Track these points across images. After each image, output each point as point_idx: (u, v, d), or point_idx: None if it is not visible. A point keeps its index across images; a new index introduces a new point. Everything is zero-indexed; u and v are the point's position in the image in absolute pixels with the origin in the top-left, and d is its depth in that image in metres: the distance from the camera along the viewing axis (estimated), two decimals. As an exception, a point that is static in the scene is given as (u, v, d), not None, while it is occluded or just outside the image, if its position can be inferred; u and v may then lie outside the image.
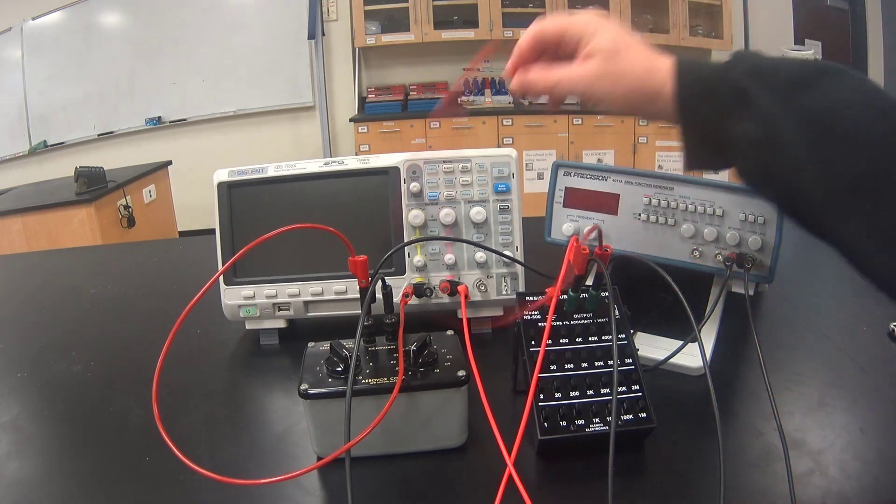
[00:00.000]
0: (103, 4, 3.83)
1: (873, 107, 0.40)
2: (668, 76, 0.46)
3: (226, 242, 0.67)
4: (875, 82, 0.41)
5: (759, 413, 0.53)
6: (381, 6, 3.82)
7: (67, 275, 1.02)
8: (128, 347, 0.72)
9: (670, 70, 0.46)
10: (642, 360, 0.52)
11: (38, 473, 0.51)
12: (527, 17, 3.84)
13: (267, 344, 0.70)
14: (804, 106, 0.41)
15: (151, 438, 0.52)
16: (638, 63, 0.48)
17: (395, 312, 0.53)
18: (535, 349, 0.50)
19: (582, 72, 0.49)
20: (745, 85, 0.44)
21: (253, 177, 0.67)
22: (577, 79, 0.50)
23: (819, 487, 0.45)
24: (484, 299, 0.67)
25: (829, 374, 0.60)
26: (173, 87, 3.95)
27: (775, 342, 0.65)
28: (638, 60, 0.48)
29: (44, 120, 3.91)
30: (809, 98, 0.41)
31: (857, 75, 0.42)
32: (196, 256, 1.04)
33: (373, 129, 3.84)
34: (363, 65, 4.11)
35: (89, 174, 2.71)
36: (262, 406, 0.61)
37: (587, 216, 0.70)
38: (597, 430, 0.47)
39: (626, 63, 0.48)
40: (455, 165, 0.66)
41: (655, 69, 0.47)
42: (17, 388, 0.64)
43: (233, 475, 0.49)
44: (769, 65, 0.44)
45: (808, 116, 0.41)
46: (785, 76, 0.43)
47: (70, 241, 2.54)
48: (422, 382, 0.48)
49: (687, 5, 3.80)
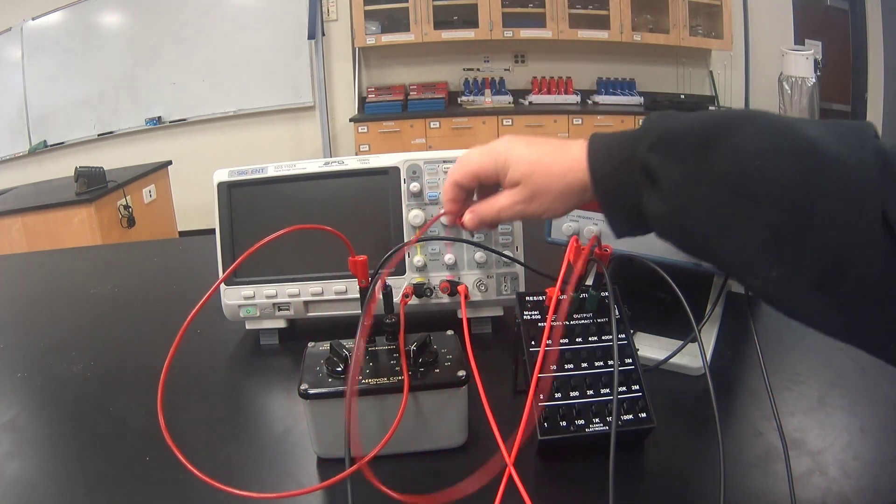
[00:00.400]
0: (103, 4, 3.83)
1: (785, 150, 0.39)
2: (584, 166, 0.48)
3: (226, 242, 0.67)
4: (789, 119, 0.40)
5: (759, 413, 0.53)
6: (381, 6, 3.82)
7: (67, 275, 1.02)
8: (128, 347, 0.72)
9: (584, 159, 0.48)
10: (642, 360, 0.52)
11: (38, 473, 0.51)
12: (527, 17, 3.84)
13: (267, 344, 0.70)
14: (713, 168, 0.41)
15: (151, 438, 0.52)
16: (556, 170, 0.50)
17: (395, 312, 0.53)
18: (535, 349, 0.50)
19: (513, 198, 0.52)
20: (649, 161, 0.44)
21: (253, 177, 0.67)
22: (512, 205, 0.53)
23: (819, 487, 0.45)
24: (484, 299, 0.67)
25: (829, 374, 0.60)
26: (173, 87, 3.95)
27: (775, 342, 0.65)
28: (555, 167, 0.50)
29: (44, 120, 3.91)
30: (717, 158, 0.41)
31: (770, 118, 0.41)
32: (196, 256, 1.04)
33: (373, 129, 3.84)
34: (363, 65, 4.11)
35: (89, 174, 2.71)
36: (262, 406, 0.61)
37: (587, 216, 0.70)
38: (597, 430, 0.47)
39: (546, 177, 0.50)
40: (455, 165, 0.66)
41: (572, 167, 0.49)
42: (17, 388, 0.65)
43: (233, 475, 0.49)
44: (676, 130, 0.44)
45: (718, 178, 0.41)
46: (690, 141, 0.42)
47: (70, 241, 2.54)
48: (422, 382, 0.48)
49: (687, 5, 3.80)
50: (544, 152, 0.51)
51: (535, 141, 0.53)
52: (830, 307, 0.38)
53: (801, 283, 0.38)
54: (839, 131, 0.38)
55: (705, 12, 3.90)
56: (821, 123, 0.40)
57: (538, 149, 0.52)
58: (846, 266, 0.36)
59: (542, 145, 0.52)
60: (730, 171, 0.40)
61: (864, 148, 0.37)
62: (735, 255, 0.42)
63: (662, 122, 0.45)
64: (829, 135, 0.38)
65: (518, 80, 4.18)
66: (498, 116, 3.88)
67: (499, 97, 4.02)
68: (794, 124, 0.39)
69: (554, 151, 0.51)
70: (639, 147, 0.45)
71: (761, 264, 0.40)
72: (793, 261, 0.38)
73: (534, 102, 4.02)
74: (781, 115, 0.41)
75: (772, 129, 0.40)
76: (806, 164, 0.37)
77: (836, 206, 0.36)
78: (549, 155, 0.51)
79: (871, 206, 0.36)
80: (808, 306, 0.39)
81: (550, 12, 3.82)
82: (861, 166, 0.36)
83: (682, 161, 0.43)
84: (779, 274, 0.39)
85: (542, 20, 3.85)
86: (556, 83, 4.07)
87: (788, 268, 0.39)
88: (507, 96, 4.03)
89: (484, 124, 3.87)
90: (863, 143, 0.37)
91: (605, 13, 3.83)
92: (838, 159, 0.37)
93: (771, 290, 0.41)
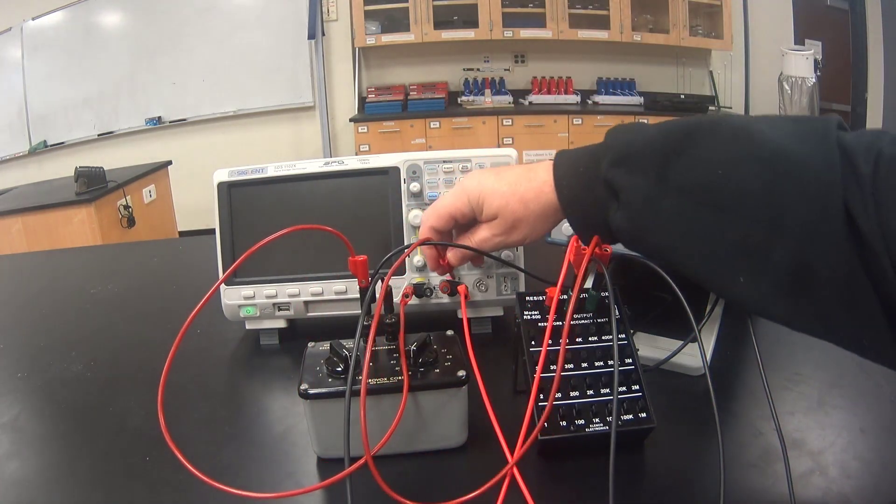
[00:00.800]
0: (103, 4, 3.83)
1: (747, 158, 0.38)
2: (553, 187, 0.50)
3: (226, 242, 0.67)
4: (751, 124, 0.40)
5: (759, 413, 0.53)
6: (381, 6, 3.83)
7: (67, 275, 1.02)
8: (128, 347, 0.72)
9: (552, 181, 0.50)
10: (642, 360, 0.52)
11: (38, 473, 0.51)
12: (527, 17, 3.85)
13: (267, 344, 0.70)
14: (675, 181, 0.41)
15: (151, 438, 0.52)
16: (529, 196, 0.51)
17: (395, 312, 0.53)
18: (535, 349, 0.50)
19: (493, 231, 0.54)
20: (611, 178, 0.45)
21: (253, 177, 0.67)
22: (492, 238, 0.55)
23: (819, 487, 0.45)
24: (484, 299, 0.67)
25: (829, 374, 0.60)
26: (173, 87, 3.96)
27: (775, 342, 0.65)
28: (528, 194, 0.51)
29: (44, 120, 3.92)
30: (679, 171, 0.41)
31: (731, 126, 0.40)
32: (196, 256, 1.04)
33: (373, 129, 3.84)
34: (363, 65, 4.12)
35: (89, 174, 2.72)
36: (262, 406, 0.61)
37: (587, 216, 0.70)
38: (597, 430, 0.47)
39: (521, 205, 0.52)
40: (455, 165, 0.66)
41: (543, 190, 0.51)
42: (17, 388, 0.65)
43: (233, 475, 0.49)
44: (637, 145, 0.44)
45: (680, 191, 0.41)
46: (651, 155, 0.43)
47: (70, 241, 2.54)
48: (422, 382, 0.48)
49: (687, 5, 3.80)
50: (515, 181, 0.52)
51: (502, 171, 0.54)
52: (801, 308, 0.38)
53: (769, 287, 0.38)
54: (802, 132, 0.38)
55: (705, 12, 3.90)
56: (784, 124, 0.39)
57: (508, 178, 0.53)
58: (814, 269, 0.36)
59: (511, 174, 0.53)
60: (692, 183, 0.40)
61: (827, 147, 0.36)
62: (702, 266, 0.42)
63: (623, 137, 0.46)
64: (791, 137, 0.38)
65: (518, 80, 4.18)
66: (498, 116, 3.88)
67: (499, 97, 4.02)
68: (755, 131, 0.39)
69: (523, 179, 0.52)
70: (601, 164, 0.46)
71: (728, 273, 0.40)
72: (760, 268, 0.38)
73: (534, 102, 4.02)
74: (743, 120, 0.41)
75: (733, 138, 0.40)
76: (769, 171, 0.37)
77: (801, 212, 0.36)
78: (520, 183, 0.52)
79: (835, 207, 0.35)
80: (779, 309, 0.39)
81: (550, 12, 3.82)
82: (825, 167, 0.36)
83: (643, 176, 0.43)
84: (746, 280, 0.39)
85: (542, 20, 3.85)
86: (556, 83, 4.07)
87: (756, 275, 0.39)
88: (507, 96, 4.03)
89: (484, 124, 3.87)
90: (826, 141, 0.37)
91: (605, 13, 3.83)
92: (802, 163, 0.36)
93: (740, 295, 0.41)
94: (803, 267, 0.37)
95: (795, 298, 0.38)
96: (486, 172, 0.55)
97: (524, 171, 0.52)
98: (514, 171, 0.53)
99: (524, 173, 0.52)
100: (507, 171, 0.54)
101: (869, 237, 0.35)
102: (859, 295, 0.36)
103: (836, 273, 0.36)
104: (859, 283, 0.35)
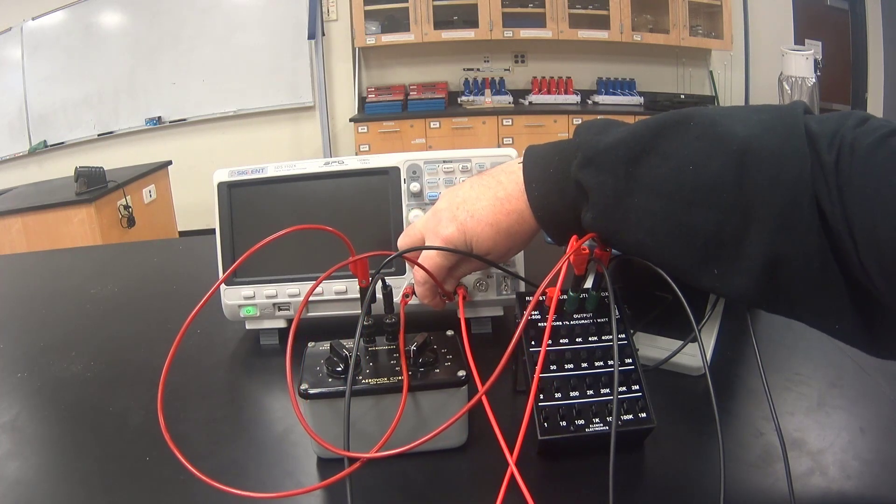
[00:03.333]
0: (103, 4, 3.83)
1: (717, 153, 0.38)
2: (521, 193, 0.50)
3: (226, 242, 0.67)
4: (721, 117, 0.40)
5: (759, 413, 0.53)
6: (381, 6, 3.83)
7: (67, 275, 1.02)
8: (128, 347, 0.72)
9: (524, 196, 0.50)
10: (642, 360, 0.52)
11: (38, 473, 0.51)
12: (527, 17, 3.85)
13: (267, 344, 0.70)
14: (645, 178, 0.41)
15: (151, 438, 0.52)
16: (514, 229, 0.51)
17: (395, 312, 0.53)
18: (535, 349, 0.50)
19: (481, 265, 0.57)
20: (581, 178, 0.45)
21: (253, 177, 0.67)
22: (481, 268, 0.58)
23: (819, 487, 0.45)
24: (484, 299, 0.67)
25: (829, 374, 0.60)
26: (173, 87, 3.96)
27: (775, 342, 0.65)
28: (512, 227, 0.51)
29: (44, 120, 3.92)
30: (649, 168, 0.41)
31: (700, 119, 0.40)
32: (196, 256, 1.04)
33: (373, 129, 3.84)
34: (363, 65, 4.12)
35: (89, 174, 2.72)
36: (262, 406, 0.61)
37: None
38: (597, 430, 0.47)
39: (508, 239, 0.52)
40: (455, 165, 0.66)
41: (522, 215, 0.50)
42: (17, 388, 0.64)
43: (233, 475, 0.49)
44: (607, 143, 0.44)
45: (651, 188, 0.41)
46: (621, 153, 0.43)
47: (70, 241, 2.54)
48: (422, 382, 0.48)
49: (687, 5, 3.80)
50: (493, 218, 0.51)
51: (474, 208, 0.52)
52: (774, 295, 0.39)
53: (743, 278, 0.39)
54: (769, 123, 0.38)
55: (705, 12, 3.91)
56: (752, 114, 0.39)
57: (484, 216, 0.51)
58: (787, 258, 0.37)
59: (484, 207, 0.51)
60: (662, 179, 0.40)
61: (794, 136, 0.37)
62: (675, 260, 0.42)
63: (593, 136, 0.45)
64: (759, 128, 0.38)
65: (518, 80, 4.18)
66: (498, 116, 3.88)
67: (499, 97, 4.02)
68: (724, 124, 0.39)
69: (500, 210, 0.51)
70: (571, 164, 0.46)
71: (702, 265, 0.41)
72: (734, 259, 0.39)
73: (534, 102, 4.02)
74: (712, 113, 0.41)
75: (701, 134, 0.40)
76: (739, 165, 0.37)
77: (772, 203, 0.36)
78: (499, 217, 0.51)
79: (805, 197, 0.36)
80: (752, 295, 0.40)
81: (550, 12, 3.82)
82: (794, 158, 0.36)
83: (612, 175, 0.43)
84: (720, 271, 0.40)
85: (542, 20, 3.85)
86: (556, 83, 4.07)
87: (730, 266, 0.39)
88: (507, 96, 4.03)
89: (484, 124, 3.87)
90: (793, 132, 0.37)
91: (605, 13, 3.83)
92: (772, 155, 0.37)
93: (713, 285, 0.41)
94: (777, 257, 0.37)
95: (769, 286, 0.39)
96: (456, 216, 0.52)
97: (495, 200, 0.51)
98: (485, 200, 0.51)
99: (497, 203, 0.51)
100: (478, 207, 0.51)
101: (834, 226, 0.35)
102: (831, 282, 0.36)
103: (810, 262, 0.36)
104: (831, 270, 0.36)
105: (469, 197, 0.52)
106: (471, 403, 0.45)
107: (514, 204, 0.50)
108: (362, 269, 0.52)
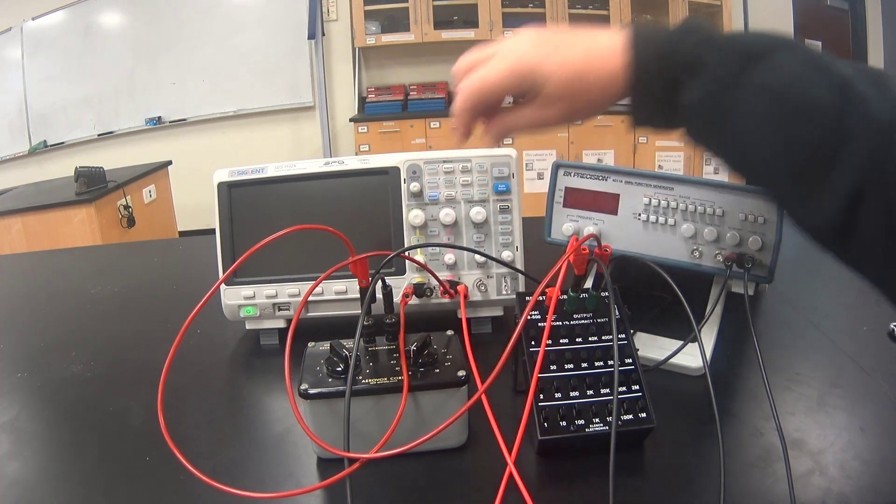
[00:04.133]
0: (103, 4, 3.83)
1: (822, 80, 0.40)
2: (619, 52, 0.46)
3: (226, 242, 0.67)
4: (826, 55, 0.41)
5: (759, 413, 0.53)
6: (381, 6, 3.82)
7: (67, 275, 1.02)
8: (128, 347, 0.72)
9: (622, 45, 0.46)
10: (642, 360, 0.52)
11: (38, 473, 0.51)
12: (527, 17, 3.84)
13: (267, 344, 0.70)
14: (757, 78, 0.42)
15: (151, 438, 0.52)
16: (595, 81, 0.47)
17: (395, 312, 0.53)
18: (535, 349, 0.50)
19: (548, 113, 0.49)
20: (698, 53, 0.44)
21: (253, 177, 0.67)
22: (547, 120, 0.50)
23: (819, 487, 0.45)
24: (484, 299, 0.67)
25: (829, 374, 0.60)
26: (173, 87, 3.96)
27: (775, 342, 0.65)
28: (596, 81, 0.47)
29: (44, 120, 3.91)
30: (763, 70, 0.42)
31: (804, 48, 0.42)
32: (196, 256, 1.04)
33: (373, 129, 3.84)
34: (363, 65, 4.11)
35: (89, 174, 2.71)
36: (262, 406, 0.61)
37: (587, 216, 0.70)
38: (597, 430, 0.47)
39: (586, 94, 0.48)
40: (455, 165, 0.66)
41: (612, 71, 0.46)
42: (17, 388, 0.65)
43: (233, 475, 0.49)
44: (722, 36, 0.44)
45: (761, 88, 0.41)
46: (738, 48, 0.43)
47: (70, 241, 2.54)
48: (422, 382, 0.48)
49: (687, 5, 3.80)
50: (579, 58, 0.47)
51: (561, 44, 0.48)
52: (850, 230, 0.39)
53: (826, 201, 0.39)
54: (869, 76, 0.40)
55: (705, 12, 3.90)
56: (851, 64, 0.41)
57: (569, 54, 0.47)
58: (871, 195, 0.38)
59: (572, 48, 0.47)
60: (772, 84, 0.41)
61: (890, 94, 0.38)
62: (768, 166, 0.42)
63: (705, 30, 0.45)
64: (860, 76, 0.40)
65: (518, 80, 4.16)
66: (498, 116, 3.87)
67: (499, 97, 4.00)
68: (828, 59, 0.41)
69: (588, 54, 0.47)
70: (686, 41, 0.44)
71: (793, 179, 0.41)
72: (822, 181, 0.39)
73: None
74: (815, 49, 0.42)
75: (816, 61, 0.41)
76: (842, 95, 0.39)
77: (867, 138, 0.38)
78: (586, 61, 0.47)
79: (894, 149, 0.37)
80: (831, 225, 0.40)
81: (550, 12, 3.82)
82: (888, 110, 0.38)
83: (729, 63, 0.43)
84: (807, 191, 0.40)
85: (543, 20, 3.85)
86: (556, 83, 4.06)
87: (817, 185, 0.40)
88: (507, 96, 4.01)
89: (484, 124, 3.86)
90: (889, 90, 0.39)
91: (605, 13, 3.83)
92: (868, 100, 0.38)
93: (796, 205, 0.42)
94: (863, 191, 0.38)
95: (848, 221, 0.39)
96: (540, 42, 0.48)
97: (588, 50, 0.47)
98: (575, 42, 0.48)
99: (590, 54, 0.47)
100: (567, 43, 0.48)
101: None
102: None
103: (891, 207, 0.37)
104: None
105: (560, 40, 0.48)
106: (470, 403, 0.45)
107: (608, 60, 0.46)
108: (362, 269, 0.52)
